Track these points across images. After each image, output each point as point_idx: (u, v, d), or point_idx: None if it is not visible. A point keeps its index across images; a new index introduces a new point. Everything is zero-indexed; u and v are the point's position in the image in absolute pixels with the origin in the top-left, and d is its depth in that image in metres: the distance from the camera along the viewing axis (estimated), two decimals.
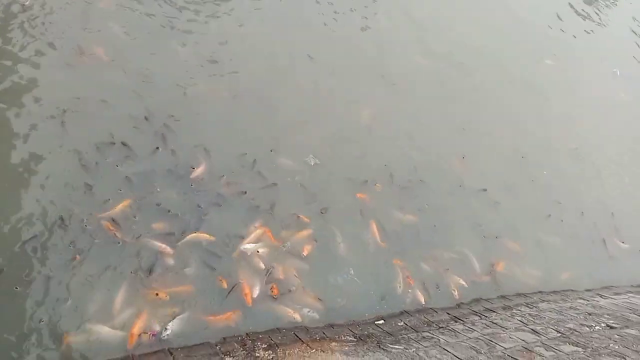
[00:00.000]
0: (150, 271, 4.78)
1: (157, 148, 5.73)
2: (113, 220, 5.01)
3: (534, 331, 5.06)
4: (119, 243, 4.87)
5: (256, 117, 6.52)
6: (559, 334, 5.02)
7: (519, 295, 6.08)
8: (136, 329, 4.37)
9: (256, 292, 4.92)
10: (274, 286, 5.06)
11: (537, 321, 5.34)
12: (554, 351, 4.62)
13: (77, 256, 4.66)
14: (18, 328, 4.15)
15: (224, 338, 4.52)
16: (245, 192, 5.71)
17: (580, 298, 6.19)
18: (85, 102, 5.83)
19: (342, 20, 8.25)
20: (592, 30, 10.70)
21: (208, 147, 5.93)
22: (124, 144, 5.62)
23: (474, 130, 7.61)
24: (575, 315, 5.56)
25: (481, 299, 5.86)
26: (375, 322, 5.12)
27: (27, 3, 6.42)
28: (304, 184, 6.02)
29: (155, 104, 6.11)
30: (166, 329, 4.44)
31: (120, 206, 5.13)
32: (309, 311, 4.95)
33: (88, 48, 6.36)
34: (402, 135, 7.09)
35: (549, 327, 5.18)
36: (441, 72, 8.23)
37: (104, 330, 4.31)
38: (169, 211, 5.28)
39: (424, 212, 6.34)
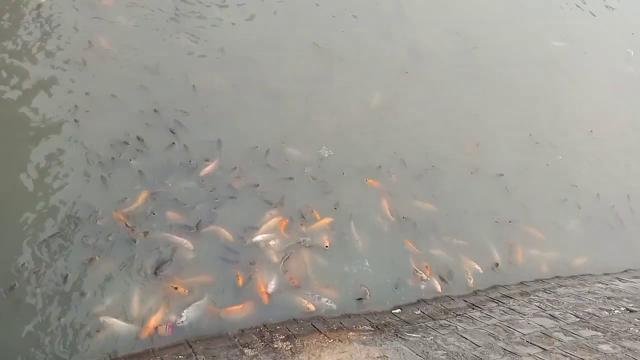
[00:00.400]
0: (166, 265, 4.82)
1: (173, 143, 5.76)
2: (130, 215, 5.06)
3: (553, 316, 5.03)
4: (135, 241, 4.92)
5: (266, 108, 6.51)
6: (578, 319, 4.99)
7: (536, 281, 6.04)
8: (153, 321, 4.42)
9: (272, 288, 4.94)
10: (291, 276, 5.08)
11: (556, 306, 5.30)
12: (573, 336, 4.59)
13: (97, 257, 4.71)
14: (39, 327, 4.21)
15: (242, 330, 4.56)
16: (258, 185, 5.72)
17: (599, 282, 6.13)
18: (96, 98, 5.88)
19: (347, 8, 8.18)
20: (607, 8, 10.47)
21: (219, 140, 5.95)
22: (139, 138, 5.67)
23: (486, 116, 7.52)
24: (594, 300, 5.51)
25: (498, 285, 5.83)
26: (392, 311, 5.12)
27: (43, 1, 6.45)
28: (318, 177, 6.02)
29: (165, 98, 6.14)
30: (181, 315, 4.49)
31: (136, 202, 5.19)
32: (327, 301, 4.96)
33: (96, 43, 6.39)
34: (414, 122, 7.03)
35: (567, 312, 5.15)
36: (451, 58, 8.14)
37: (123, 325, 4.36)
38: (185, 204, 5.32)
39: (438, 199, 6.30)
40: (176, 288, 4.67)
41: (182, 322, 4.46)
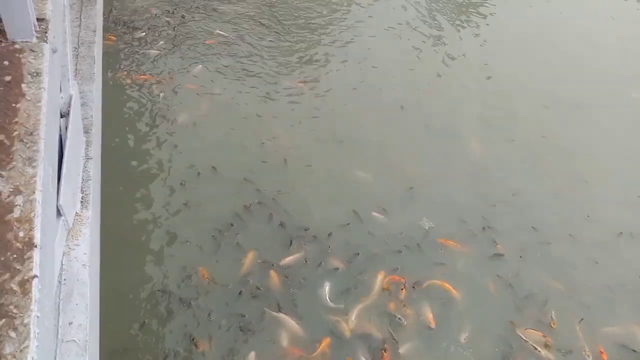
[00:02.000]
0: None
1: (271, 214, 5.84)
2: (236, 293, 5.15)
3: None
4: (244, 316, 4.98)
5: (359, 179, 6.47)
6: None
7: None
8: None
9: None
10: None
11: None
12: None
13: (199, 342, 4.77)
14: None
15: None
16: (358, 254, 5.63)
17: None
18: (199, 181, 6.12)
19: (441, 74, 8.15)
20: None
21: (314, 212, 5.97)
22: (247, 207, 5.87)
23: (596, 179, 6.98)
24: None
25: None
26: None
27: (162, 95, 7.01)
28: (418, 248, 5.79)
29: (261, 174, 6.32)
30: None
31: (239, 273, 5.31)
32: None
33: (199, 122, 6.72)
34: (518, 191, 6.62)
35: None
36: (551, 119, 7.79)
37: None
38: (286, 277, 5.34)
39: (548, 269, 5.82)
40: None
41: None
